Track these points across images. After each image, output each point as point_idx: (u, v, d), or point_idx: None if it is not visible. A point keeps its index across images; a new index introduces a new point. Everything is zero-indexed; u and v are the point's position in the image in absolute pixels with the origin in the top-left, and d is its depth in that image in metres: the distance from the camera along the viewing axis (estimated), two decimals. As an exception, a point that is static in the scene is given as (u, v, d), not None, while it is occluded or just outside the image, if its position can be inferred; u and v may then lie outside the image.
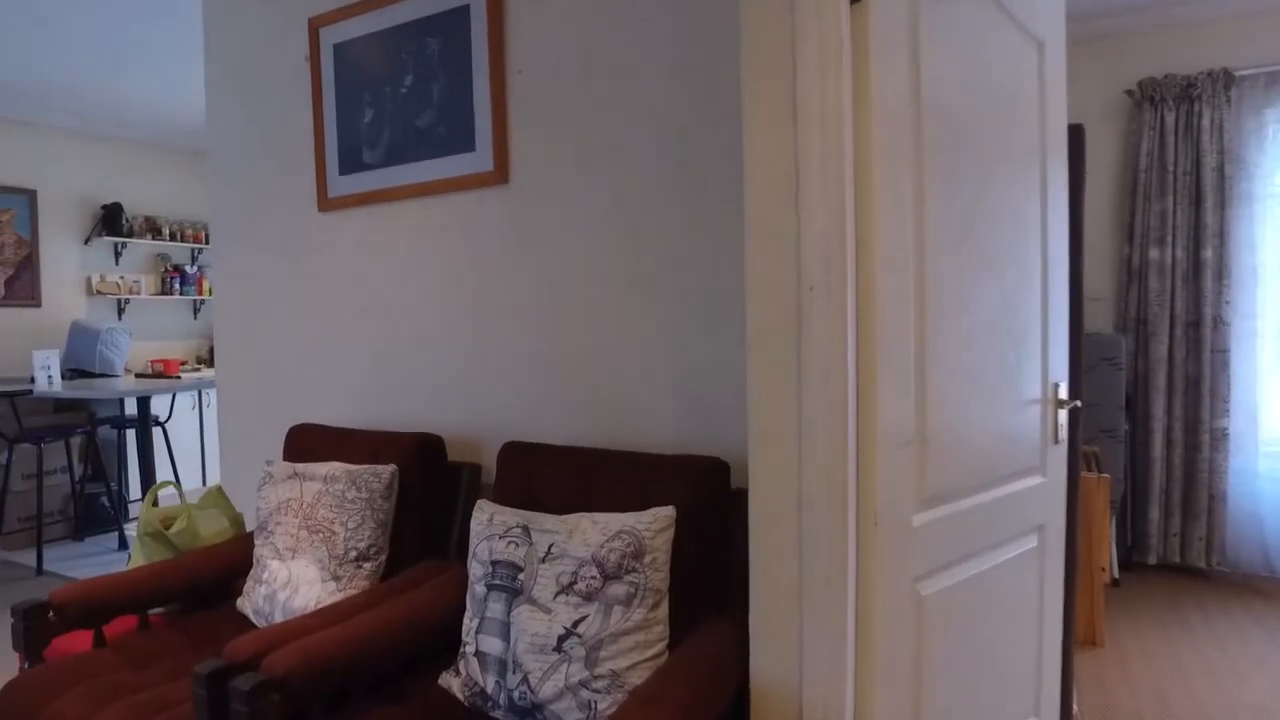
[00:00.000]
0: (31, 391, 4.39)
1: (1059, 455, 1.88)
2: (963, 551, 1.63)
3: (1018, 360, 1.76)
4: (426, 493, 2.17)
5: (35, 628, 1.95)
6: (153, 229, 5.76)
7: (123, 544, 4.60)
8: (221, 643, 1.98)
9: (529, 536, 1.72)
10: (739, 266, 1.84)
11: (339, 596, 1.98)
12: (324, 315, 2.67)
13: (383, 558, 2.07)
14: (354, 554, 2.03)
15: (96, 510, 4.94)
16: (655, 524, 1.62)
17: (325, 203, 2.61)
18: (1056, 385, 1.86)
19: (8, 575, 4.18)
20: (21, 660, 1.98)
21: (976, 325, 1.64)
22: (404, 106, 2.39)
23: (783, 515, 1.42)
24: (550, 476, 1.91)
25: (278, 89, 2.71)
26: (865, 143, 1.39)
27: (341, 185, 2.57)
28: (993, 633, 1.71)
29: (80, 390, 4.35)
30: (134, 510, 5.19)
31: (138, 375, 5.29)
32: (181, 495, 2.40)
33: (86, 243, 5.48)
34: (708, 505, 1.72)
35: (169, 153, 5.89)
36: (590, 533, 1.66)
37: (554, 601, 1.62)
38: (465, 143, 2.28)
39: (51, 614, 1.98)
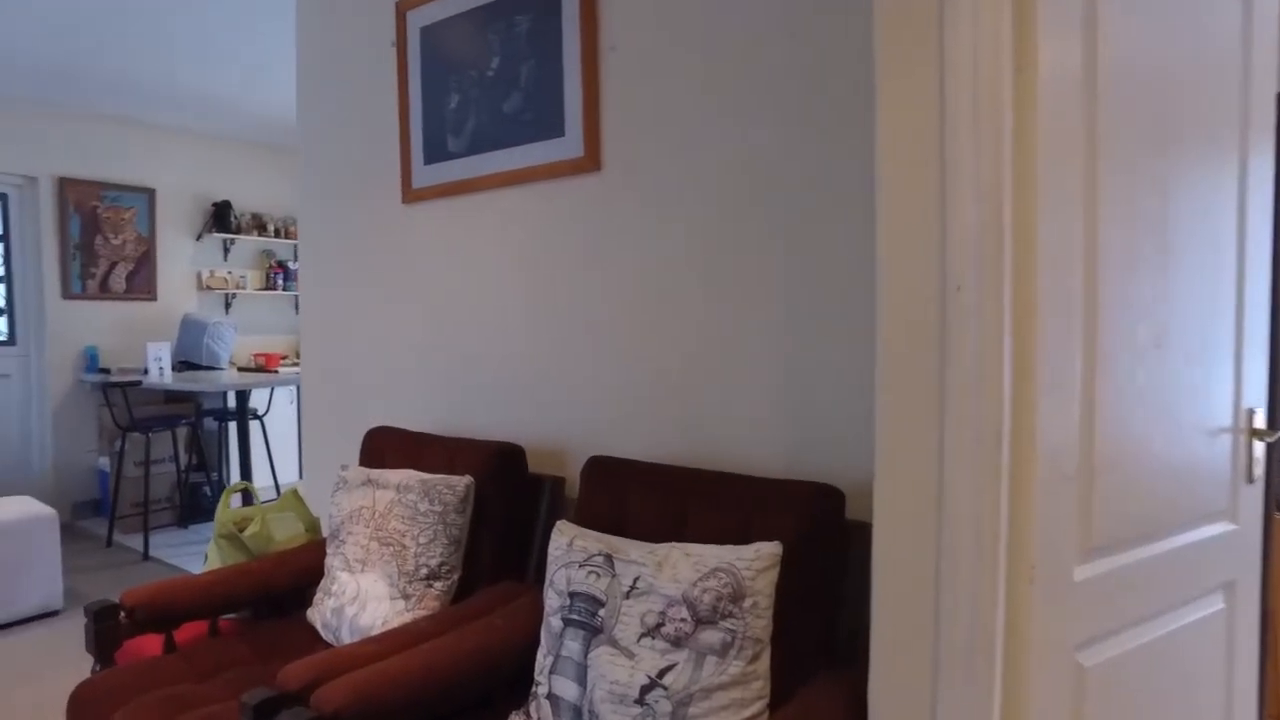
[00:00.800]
0: (141, 383, 4.50)
1: (1253, 497, 1.55)
2: (1134, 614, 1.34)
3: (1204, 380, 1.44)
4: (505, 507, 2.00)
5: (106, 629, 1.88)
6: (259, 226, 5.88)
7: (221, 535, 4.68)
8: (287, 656, 1.87)
9: (612, 567, 1.52)
10: (865, 264, 1.59)
11: (407, 617, 1.83)
12: (405, 313, 2.55)
13: (455, 577, 1.91)
14: (425, 571, 1.88)
15: (200, 499, 5.06)
16: (757, 562, 1.39)
17: (409, 194, 2.49)
18: (1252, 412, 1.53)
19: (119, 559, 4.29)
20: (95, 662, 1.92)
21: (1155, 337, 1.34)
22: (490, 91, 2.24)
23: (914, 564, 1.17)
24: (639, 498, 1.70)
25: (365, 77, 2.61)
26: (1028, 119, 1.13)
27: (425, 175, 2.44)
28: (1169, 714, 1.41)
29: (184, 383, 4.44)
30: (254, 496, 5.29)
31: (240, 369, 5.40)
32: (255, 497, 2.31)
33: (198, 239, 5.64)
34: (818, 540, 1.48)
35: (274, 151, 6.01)
36: (682, 567, 1.44)
37: (637, 645, 1.42)
38: (554, 128, 2.10)
39: (123, 616, 1.91)
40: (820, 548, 1.48)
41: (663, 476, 1.72)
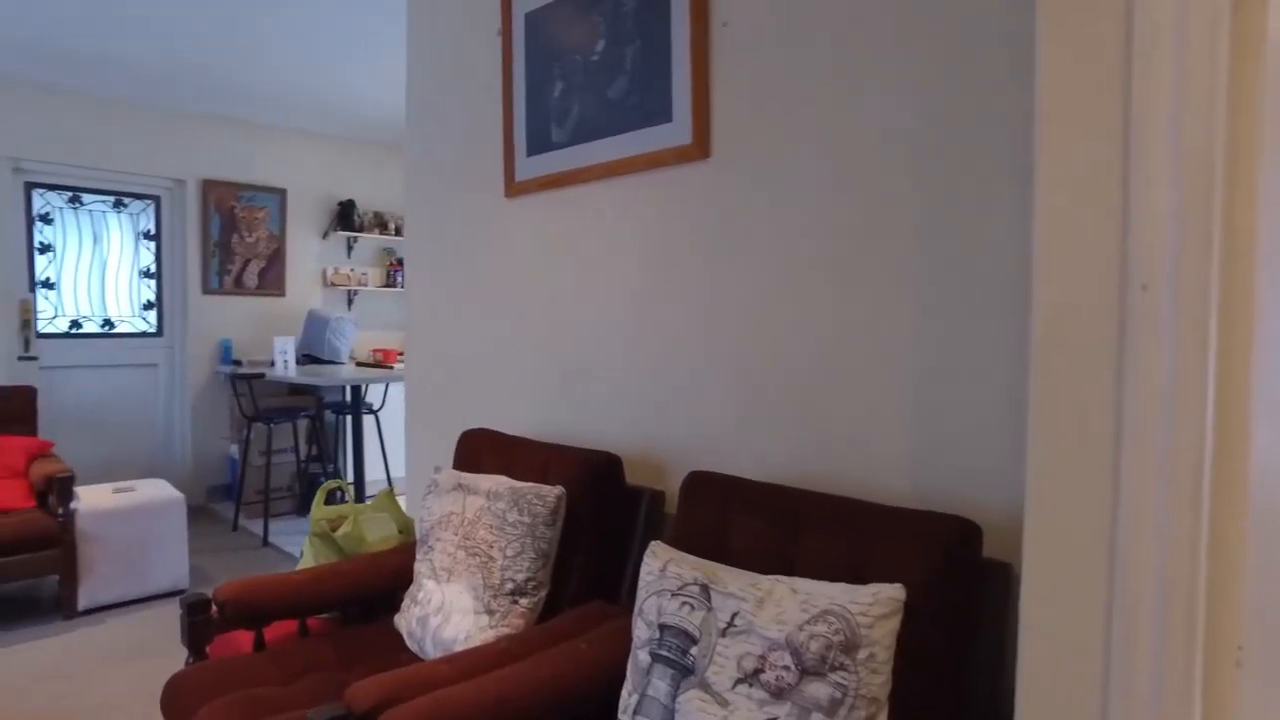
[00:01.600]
0: (264, 375, 4.67)
1: None
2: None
3: None
4: (599, 521, 1.86)
5: (198, 624, 1.87)
6: (380, 224, 6.04)
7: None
8: (370, 664, 1.80)
9: (708, 599, 1.34)
10: (1015, 263, 1.35)
11: (490, 634, 1.72)
12: (505, 310, 2.46)
13: (542, 594, 1.78)
14: (510, 586, 1.76)
15: (317, 489, 5.21)
16: (876, 607, 1.19)
17: (512, 187, 2.40)
18: None
19: (242, 543, 4.46)
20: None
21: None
22: (595, 76, 2.11)
23: (1075, 629, 0.94)
24: (743, 520, 1.52)
25: (470, 70, 2.54)
26: (1248, 74, 0.88)
27: (528, 167, 2.34)
28: None
29: (303, 376, 4.57)
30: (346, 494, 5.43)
31: (359, 364, 5.55)
32: (349, 495, 2.28)
33: (324, 237, 5.84)
34: (950, 583, 1.26)
35: (395, 151, 6.15)
36: (787, 605, 1.25)
37: (732, 692, 1.24)
38: (660, 113, 1.95)
39: (214, 610, 1.89)
40: (952, 593, 1.25)
41: (771, 497, 1.53)
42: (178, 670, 1.81)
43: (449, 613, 1.81)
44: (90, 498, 3.49)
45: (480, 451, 2.18)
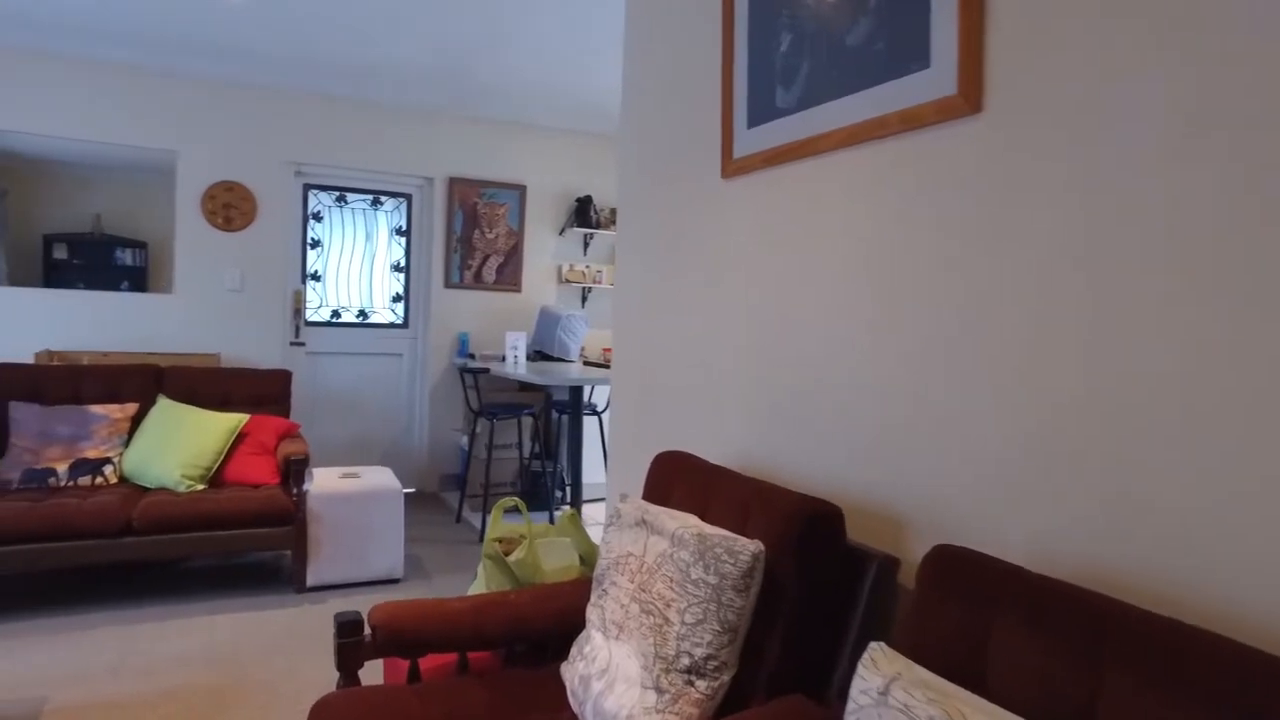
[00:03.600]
0: (489, 370, 4.69)
1: None
2: None
3: None
4: (807, 589, 1.43)
5: (349, 646, 1.69)
6: (616, 220, 5.93)
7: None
8: (527, 718, 1.52)
9: (950, 761, 0.88)
10: None
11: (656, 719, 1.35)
12: (713, 312, 2.09)
13: (725, 678, 1.39)
14: (685, 661, 1.39)
15: (540, 488, 5.19)
16: None
17: (729, 166, 2.02)
18: None
19: (460, 536, 4.51)
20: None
21: None
22: (830, 21, 1.67)
23: None
24: (1012, 633, 1.03)
25: (688, 33, 2.20)
26: None
27: (748, 141, 1.95)
28: None
29: (527, 373, 4.52)
30: (567, 494, 5.36)
31: (587, 363, 5.46)
32: (526, 516, 2.02)
33: (560, 234, 5.84)
34: None
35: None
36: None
37: None
38: (914, 57, 1.47)
39: (367, 634, 1.71)
40: None
41: (1062, 604, 1.02)
42: (328, 692, 1.64)
43: (614, 679, 1.47)
44: (321, 480, 3.61)
45: (673, 480, 1.83)
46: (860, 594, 1.44)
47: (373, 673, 1.88)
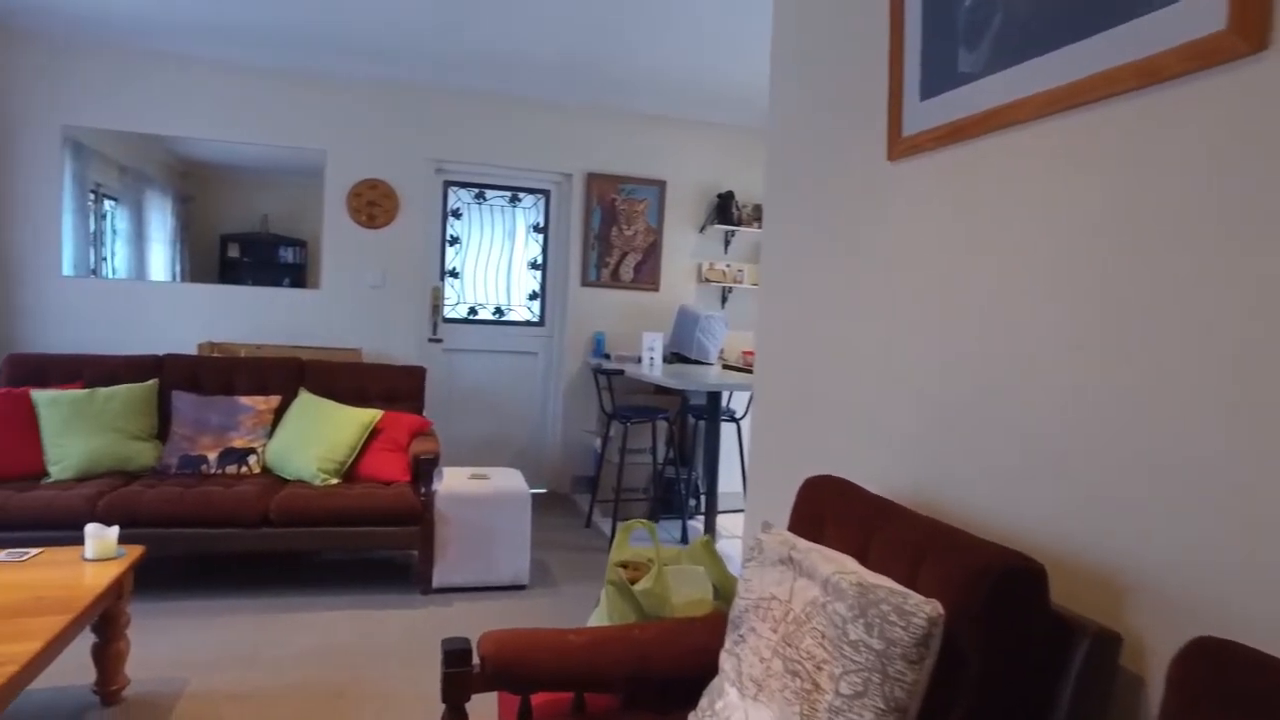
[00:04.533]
0: (624, 372, 4.53)
1: None
2: None
3: None
4: (997, 664, 1.13)
5: (456, 677, 1.53)
6: (760, 217, 5.65)
7: (684, 539, 4.50)
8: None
9: None
10: None
11: (802, 818, 1.10)
12: (879, 316, 1.81)
13: (890, 771, 1.11)
14: (840, 745, 1.13)
15: (673, 495, 4.99)
16: None
17: (898, 145, 1.73)
18: None
19: (590, 542, 4.38)
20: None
21: None
22: (1041, -46, 1.36)
23: None
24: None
25: (844, 6, 1.92)
26: None
27: (922, 115, 1.65)
28: None
29: (663, 376, 4.32)
30: (701, 502, 5.13)
31: (726, 366, 5.21)
32: (655, 539, 1.81)
33: (701, 231, 5.62)
34: None
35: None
36: None
37: None
38: (1163, -13, 1.14)
39: (476, 663, 1.55)
40: None
41: None
42: (436, 727, 1.49)
43: (749, 752, 1.24)
44: (450, 480, 3.56)
45: (825, 510, 1.56)
46: (1067, 675, 1.14)
47: (483, 706, 1.72)
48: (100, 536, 2.36)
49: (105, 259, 4.74)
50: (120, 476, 3.38)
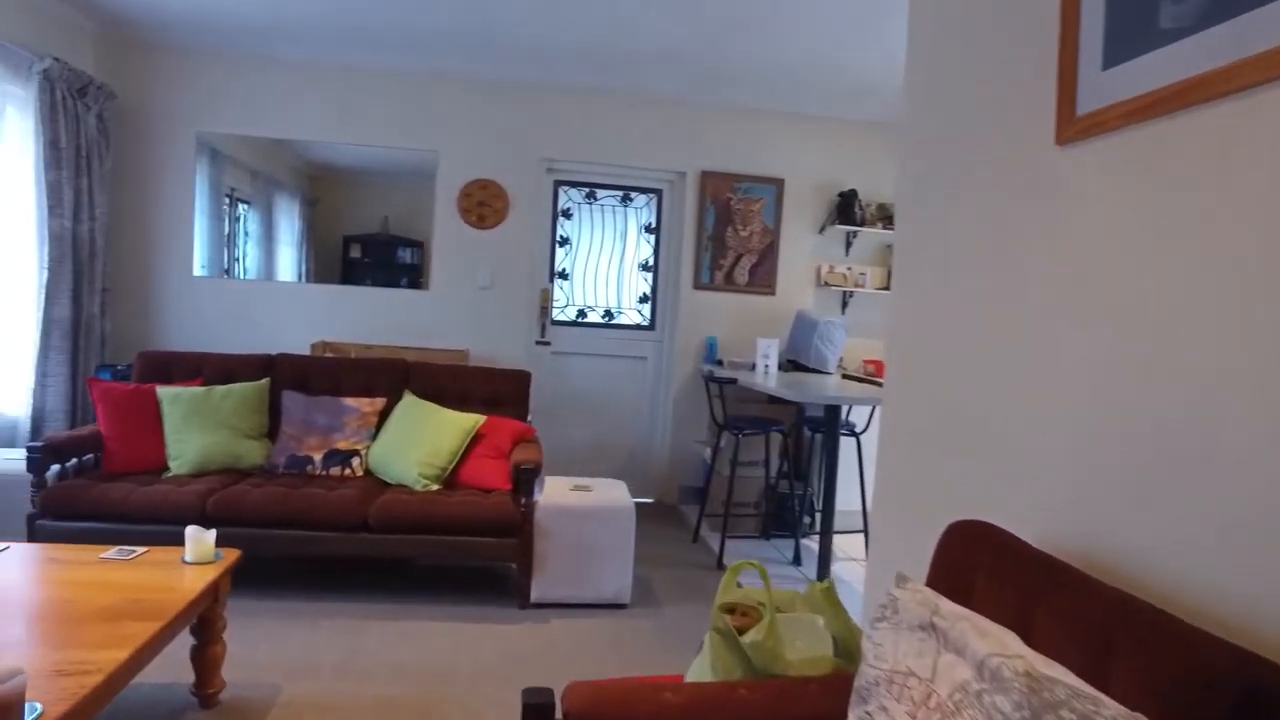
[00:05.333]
0: (736, 381, 4.28)
1: None
2: None
3: None
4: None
5: (539, 734, 1.36)
6: (884, 217, 5.28)
7: (797, 558, 4.21)
8: None
9: None
10: None
11: None
12: (1037, 333, 1.51)
13: None
14: None
15: (785, 512, 4.71)
16: None
17: (1069, 126, 1.44)
18: None
19: (697, 559, 4.16)
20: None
21: None
22: None
23: None
24: None
25: (1018, -55, 1.63)
26: None
27: (1103, 87, 1.35)
28: None
29: (779, 386, 4.05)
30: (816, 520, 4.83)
31: (846, 376, 4.88)
32: (767, 582, 1.57)
33: (820, 232, 5.31)
34: None
35: (913, 134, 5.33)
36: None
37: None
38: None
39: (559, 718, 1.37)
40: None
41: None
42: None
43: None
44: (551, 491, 3.42)
45: (975, 566, 1.29)
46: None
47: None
48: (199, 539, 2.34)
49: (237, 260, 4.90)
50: (231, 474, 3.42)
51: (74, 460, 3.31)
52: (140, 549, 2.42)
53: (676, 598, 3.54)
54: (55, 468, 3.21)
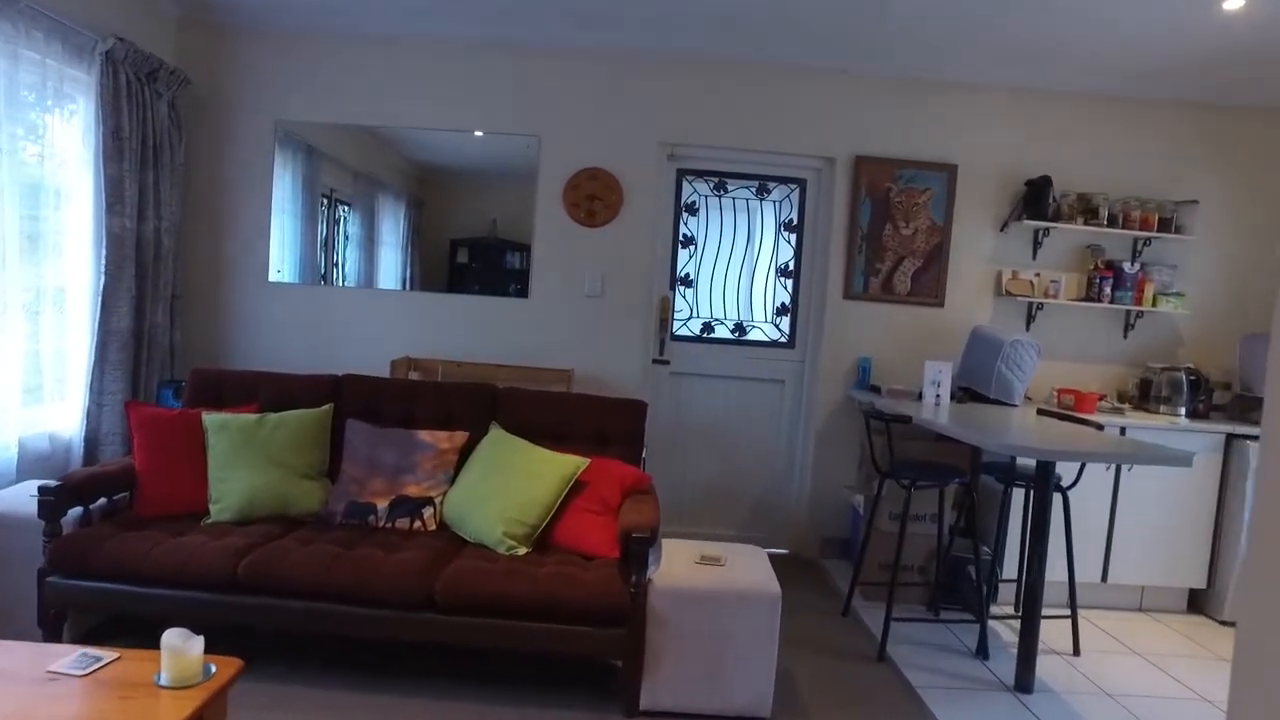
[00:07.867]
0: (910, 419, 3.33)
1: None
2: None
3: None
4: None
5: None
6: (1085, 211, 4.21)
7: (982, 649, 3.22)
8: None
9: None
10: None
11: None
12: None
13: None
14: None
15: (961, 580, 3.72)
16: None
17: None
18: None
19: (851, 643, 3.26)
20: None
21: None
22: None
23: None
24: None
25: None
26: None
27: None
28: None
29: (959, 430, 3.09)
30: (1003, 594, 3.80)
31: (1042, 411, 3.84)
32: None
33: (1002, 229, 4.29)
34: None
35: (1118, 105, 4.24)
36: None
37: None
38: None
39: None
40: None
41: None
42: None
43: None
44: (671, 563, 2.62)
45: None
46: None
47: None
48: (179, 653, 1.66)
49: (337, 264, 4.38)
50: (279, 523, 2.80)
51: (103, 500, 2.76)
52: (107, 655, 1.76)
53: (831, 702, 2.66)
54: (78, 509, 2.66)
